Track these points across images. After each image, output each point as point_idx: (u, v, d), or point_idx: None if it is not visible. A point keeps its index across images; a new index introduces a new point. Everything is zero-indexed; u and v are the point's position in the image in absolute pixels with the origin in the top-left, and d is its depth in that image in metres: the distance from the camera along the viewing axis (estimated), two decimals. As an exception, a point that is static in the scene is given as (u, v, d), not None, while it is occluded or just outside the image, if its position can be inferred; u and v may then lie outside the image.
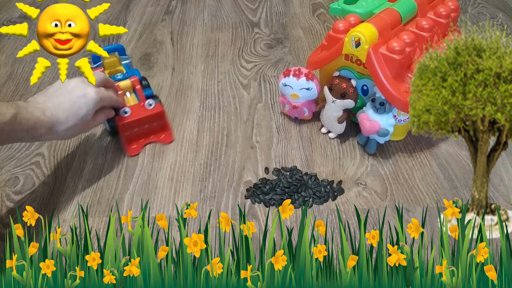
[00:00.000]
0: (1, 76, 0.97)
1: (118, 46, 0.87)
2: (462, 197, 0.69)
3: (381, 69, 0.68)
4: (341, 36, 0.71)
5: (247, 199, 0.70)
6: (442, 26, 0.73)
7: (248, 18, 1.15)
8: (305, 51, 1.02)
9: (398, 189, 0.71)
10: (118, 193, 0.71)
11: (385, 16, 0.71)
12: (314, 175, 0.73)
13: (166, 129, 0.81)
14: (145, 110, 0.78)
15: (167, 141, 0.80)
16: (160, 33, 1.10)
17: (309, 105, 0.80)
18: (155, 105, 0.78)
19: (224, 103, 0.88)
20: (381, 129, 0.71)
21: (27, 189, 0.72)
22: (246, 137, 0.81)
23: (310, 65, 0.78)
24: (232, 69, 0.97)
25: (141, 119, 0.77)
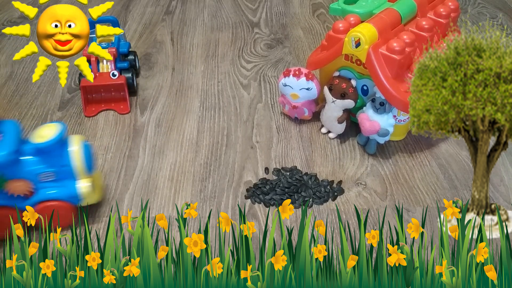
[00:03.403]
0: (1, 76, 0.97)
1: (112, 19, 0.91)
2: (462, 197, 0.69)
3: (381, 69, 0.68)
4: (341, 36, 0.71)
5: (247, 199, 0.70)
6: (442, 26, 0.73)
7: (248, 18, 1.15)
8: (305, 51, 1.02)
9: (398, 189, 0.71)
10: (118, 193, 0.71)
11: (385, 16, 0.71)
12: (314, 175, 0.73)
13: (124, 101, 0.87)
14: (109, 79, 0.84)
15: (124, 112, 0.86)
16: (160, 33, 1.10)
17: (309, 105, 0.80)
18: (119, 76, 0.85)
19: (224, 103, 0.89)
20: (381, 129, 0.71)
21: (27, 189, 0.72)
22: (246, 137, 0.81)
23: (310, 65, 0.78)
24: (232, 69, 0.97)
25: (101, 85, 0.84)
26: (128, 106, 0.86)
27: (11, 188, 0.60)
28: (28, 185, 0.61)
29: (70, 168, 0.61)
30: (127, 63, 0.88)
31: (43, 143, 0.59)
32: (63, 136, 0.61)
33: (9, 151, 0.58)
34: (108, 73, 0.85)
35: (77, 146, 0.62)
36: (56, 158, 0.61)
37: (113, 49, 0.86)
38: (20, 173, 0.60)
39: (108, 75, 0.85)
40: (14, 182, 0.60)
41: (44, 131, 0.61)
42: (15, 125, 0.61)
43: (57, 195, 0.62)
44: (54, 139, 0.60)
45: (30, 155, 0.60)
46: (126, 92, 0.86)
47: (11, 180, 0.60)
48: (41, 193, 0.62)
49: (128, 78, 0.86)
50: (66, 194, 0.62)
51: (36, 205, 0.62)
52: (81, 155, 0.61)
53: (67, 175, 0.62)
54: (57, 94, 0.92)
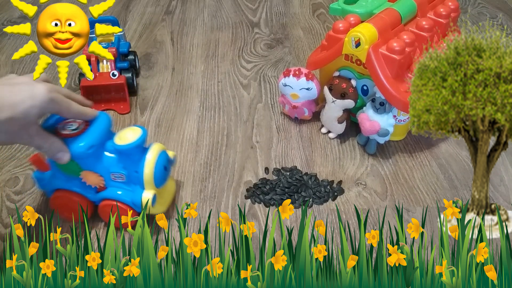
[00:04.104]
0: (1, 76, 0.97)
1: (112, 19, 0.91)
2: (462, 197, 0.69)
3: (381, 69, 0.68)
4: (341, 36, 0.71)
5: (247, 199, 0.70)
6: (442, 26, 0.73)
7: (248, 18, 1.15)
8: (305, 51, 1.02)
9: (398, 189, 0.71)
10: (118, 193, 0.71)
11: (385, 16, 0.71)
12: (314, 175, 0.73)
13: (124, 101, 0.87)
14: (109, 79, 0.84)
15: (124, 112, 0.86)
16: (160, 33, 1.10)
17: (309, 105, 0.80)
18: (119, 76, 0.84)
19: (224, 103, 0.88)
20: (381, 129, 0.71)
21: (27, 189, 0.72)
22: (246, 137, 0.81)
23: (310, 65, 0.78)
24: (232, 69, 0.97)
25: (101, 85, 0.84)
26: (128, 106, 0.87)
27: (85, 177, 0.61)
28: (100, 179, 0.61)
29: (140, 175, 0.61)
30: (127, 63, 0.88)
31: (122, 145, 0.59)
32: (142, 142, 0.60)
33: (86, 144, 0.58)
34: (108, 73, 0.85)
35: (152, 156, 0.61)
36: (131, 162, 0.61)
37: (113, 49, 0.86)
38: (95, 167, 0.61)
39: (108, 75, 0.85)
40: (89, 173, 0.61)
41: (126, 134, 0.61)
42: (106, 119, 0.61)
43: (121, 197, 0.62)
44: (132, 144, 0.59)
45: (110, 152, 0.61)
46: (126, 92, 0.86)
47: (86, 170, 0.61)
48: (109, 190, 0.63)
49: (128, 78, 0.86)
50: (129, 199, 0.62)
51: (102, 201, 0.63)
52: (154, 166, 0.61)
53: (136, 181, 0.61)
54: (57, 94, 0.92)
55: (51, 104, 0.54)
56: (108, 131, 0.62)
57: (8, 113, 0.51)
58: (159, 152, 0.62)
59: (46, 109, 0.54)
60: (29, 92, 0.53)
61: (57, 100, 0.55)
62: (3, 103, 0.51)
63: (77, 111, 0.58)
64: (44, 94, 0.53)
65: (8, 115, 0.51)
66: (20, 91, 0.52)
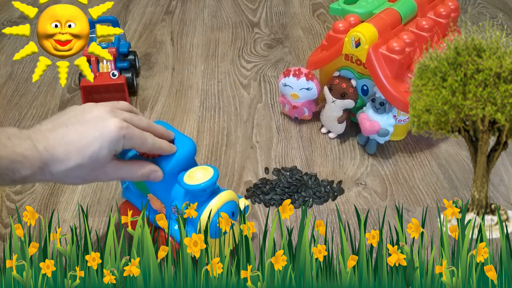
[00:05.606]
0: (1, 76, 0.97)
1: (112, 19, 0.91)
2: (462, 197, 0.69)
3: (381, 69, 0.68)
4: (341, 36, 0.71)
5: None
6: (442, 26, 0.73)
7: (248, 18, 1.15)
8: (305, 51, 1.02)
9: (398, 189, 0.71)
10: (118, 193, 0.71)
11: (385, 16, 0.71)
12: (314, 175, 0.73)
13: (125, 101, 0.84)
14: (109, 79, 0.84)
15: None
16: (160, 33, 1.10)
17: (309, 105, 0.80)
18: (119, 76, 0.85)
19: (224, 103, 0.88)
20: (381, 129, 0.71)
21: (27, 189, 0.72)
22: (246, 137, 0.81)
23: (310, 65, 0.78)
24: (232, 69, 0.97)
25: (101, 85, 0.84)
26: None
27: (151, 200, 0.59)
28: (162, 206, 0.58)
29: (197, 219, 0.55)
30: (127, 63, 0.88)
31: (188, 185, 0.54)
32: (211, 185, 0.55)
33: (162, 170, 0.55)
34: (108, 73, 0.85)
35: (216, 205, 0.55)
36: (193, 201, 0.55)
37: (113, 49, 0.86)
38: (160, 193, 0.58)
39: (108, 75, 0.85)
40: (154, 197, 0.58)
41: (196, 173, 0.55)
42: (191, 146, 0.57)
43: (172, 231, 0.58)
44: (198, 186, 0.54)
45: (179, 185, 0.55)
46: (126, 92, 0.86)
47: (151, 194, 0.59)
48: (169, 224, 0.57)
49: (128, 78, 0.87)
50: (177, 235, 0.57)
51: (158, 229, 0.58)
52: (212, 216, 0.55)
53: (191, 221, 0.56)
54: (57, 94, 0.92)
55: (123, 142, 0.49)
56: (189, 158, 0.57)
57: (76, 160, 0.48)
58: (223, 202, 0.56)
59: (117, 148, 0.50)
60: (98, 131, 0.48)
61: (129, 137, 0.50)
62: (69, 149, 0.47)
63: (152, 147, 0.53)
64: (115, 132, 0.48)
65: (76, 162, 0.48)
66: (88, 131, 0.48)
